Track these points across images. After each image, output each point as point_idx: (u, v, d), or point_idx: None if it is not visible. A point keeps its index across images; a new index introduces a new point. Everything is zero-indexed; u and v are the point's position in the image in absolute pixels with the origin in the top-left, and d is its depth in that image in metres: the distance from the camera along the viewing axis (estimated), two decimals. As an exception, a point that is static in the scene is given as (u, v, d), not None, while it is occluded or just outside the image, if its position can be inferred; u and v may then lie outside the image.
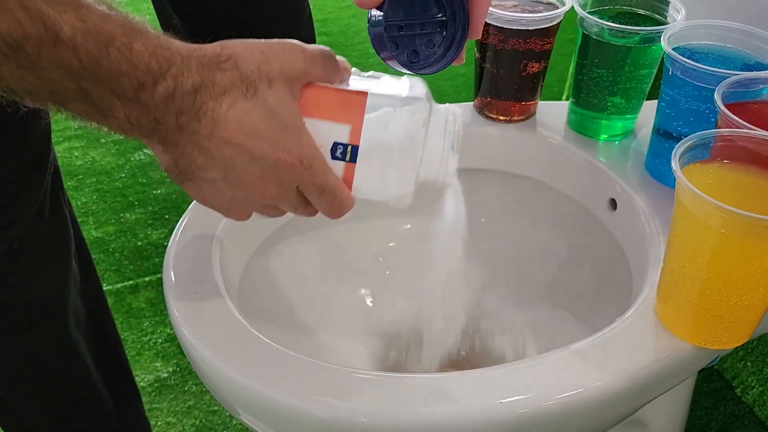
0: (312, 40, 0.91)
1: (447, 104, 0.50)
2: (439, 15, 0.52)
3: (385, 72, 0.51)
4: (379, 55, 0.50)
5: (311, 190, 0.47)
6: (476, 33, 0.52)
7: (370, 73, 0.50)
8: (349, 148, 0.47)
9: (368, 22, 0.49)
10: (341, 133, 0.47)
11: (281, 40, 0.45)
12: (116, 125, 0.41)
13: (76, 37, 0.38)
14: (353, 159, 0.47)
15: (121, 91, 0.40)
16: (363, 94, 0.47)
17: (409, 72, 0.51)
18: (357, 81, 0.48)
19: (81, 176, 1.49)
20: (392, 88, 0.48)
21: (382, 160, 0.47)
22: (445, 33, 0.52)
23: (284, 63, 0.44)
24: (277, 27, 0.86)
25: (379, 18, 0.48)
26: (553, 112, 0.78)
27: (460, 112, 0.50)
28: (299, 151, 0.45)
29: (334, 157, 0.47)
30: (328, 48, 0.48)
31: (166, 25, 0.90)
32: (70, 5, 0.38)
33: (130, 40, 0.39)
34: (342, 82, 0.48)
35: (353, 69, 0.50)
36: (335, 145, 0.47)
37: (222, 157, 0.43)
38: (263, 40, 0.45)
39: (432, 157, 0.49)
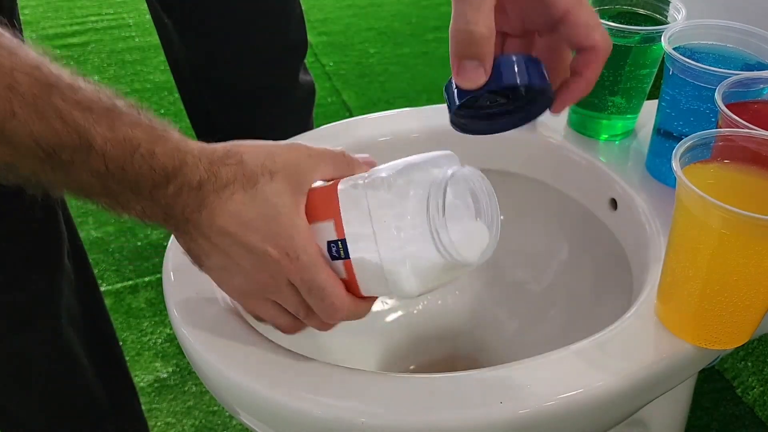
0: (303, 43, 0.91)
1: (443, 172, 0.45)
2: (504, 102, 0.51)
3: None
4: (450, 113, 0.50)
5: (301, 287, 0.46)
6: (558, 110, 0.51)
7: (390, 164, 0.47)
8: (339, 243, 0.44)
9: (447, 88, 0.48)
10: (329, 230, 0.45)
11: (289, 141, 0.48)
12: (135, 215, 0.45)
13: (106, 146, 0.41)
14: (347, 255, 0.44)
15: (138, 191, 0.43)
16: (334, 185, 0.45)
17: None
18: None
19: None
20: (372, 171, 0.45)
21: (369, 247, 0.43)
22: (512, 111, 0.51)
23: (288, 159, 0.46)
24: (265, 28, 0.86)
25: (466, 101, 0.47)
26: (553, 112, 0.78)
27: (446, 180, 0.44)
28: (287, 244, 0.45)
29: (333, 257, 0.45)
30: (340, 148, 0.49)
31: (159, 25, 0.90)
32: (103, 116, 0.41)
33: (152, 146, 0.42)
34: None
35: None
36: (329, 244, 0.45)
37: (220, 246, 0.46)
38: (273, 142, 0.47)
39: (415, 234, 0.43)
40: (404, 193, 0.43)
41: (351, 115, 1.66)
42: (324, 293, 0.46)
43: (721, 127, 0.55)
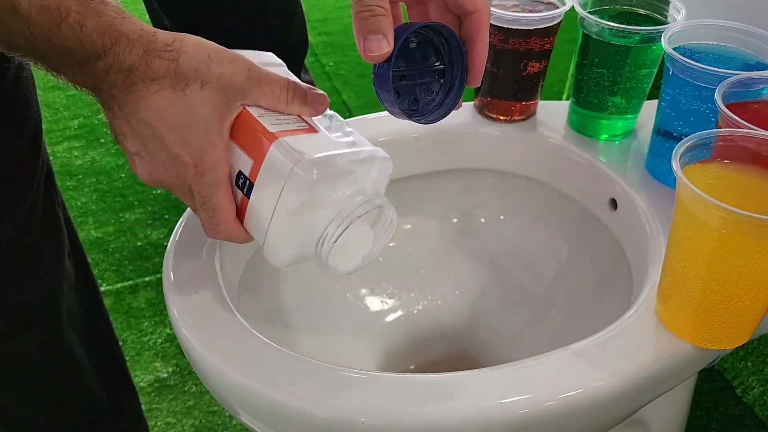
0: (304, 43, 0.91)
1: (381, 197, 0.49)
2: (438, 64, 0.52)
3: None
4: (381, 103, 0.50)
5: (197, 197, 0.48)
6: (475, 81, 0.53)
7: (343, 121, 0.50)
8: (248, 182, 0.47)
9: (373, 73, 0.49)
10: (246, 164, 0.47)
11: (236, 52, 0.47)
12: (67, 81, 0.46)
13: (30, 12, 0.41)
14: (248, 194, 0.47)
15: (67, 61, 0.44)
16: (272, 136, 0.46)
17: (410, 120, 0.51)
18: (301, 122, 0.48)
19: (81, 176, 1.49)
20: (317, 145, 0.47)
21: (261, 212, 0.47)
22: (442, 81, 0.53)
23: (224, 72, 0.46)
24: (267, 29, 0.86)
25: (386, 69, 0.48)
26: (553, 112, 0.78)
27: (388, 211, 0.49)
28: (198, 157, 0.46)
29: (236, 184, 0.48)
30: (295, 79, 0.49)
31: (158, 25, 0.90)
32: None
33: (83, 18, 0.42)
34: (294, 117, 0.48)
35: (330, 113, 0.50)
36: (239, 173, 0.47)
37: (139, 132, 0.47)
38: (221, 47, 0.47)
39: (315, 236, 0.47)
40: (318, 201, 0.46)
41: (351, 115, 1.66)
42: (214, 212, 0.48)
43: (721, 127, 0.56)
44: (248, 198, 0.47)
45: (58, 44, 0.42)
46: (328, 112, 0.51)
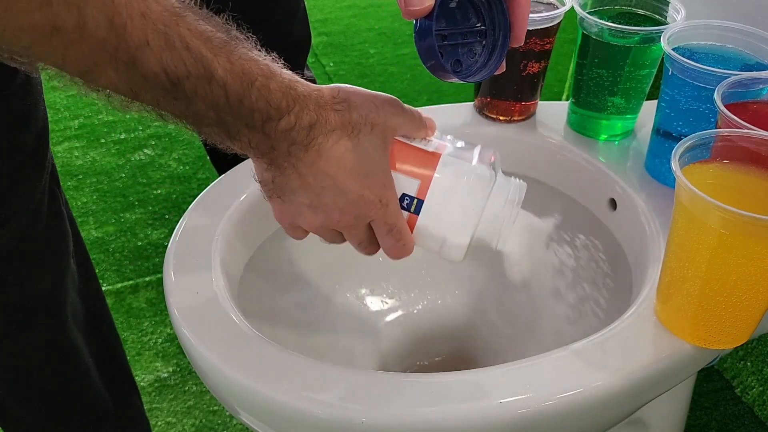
0: (307, 39, 0.91)
1: (513, 177, 0.54)
2: (479, 25, 0.52)
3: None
4: (425, 64, 0.51)
5: (381, 228, 0.51)
6: (518, 40, 0.53)
7: (450, 136, 0.54)
8: (415, 200, 0.51)
9: (415, 32, 0.50)
10: (411, 186, 0.51)
11: (386, 95, 0.52)
12: (239, 147, 0.47)
13: (227, 78, 0.43)
14: (417, 211, 0.51)
15: (251, 123, 0.45)
16: (436, 156, 0.51)
17: (455, 80, 0.52)
18: (436, 141, 0.52)
19: (81, 176, 1.49)
20: (464, 154, 0.52)
21: (440, 217, 0.51)
22: (485, 42, 0.53)
23: (387, 114, 0.50)
24: (271, 26, 0.86)
25: (428, 27, 0.49)
26: (553, 112, 0.78)
27: (524, 186, 0.55)
28: (380, 192, 0.50)
29: (401, 206, 0.51)
30: (417, 110, 0.53)
31: None
32: (223, 49, 0.43)
33: (267, 81, 0.45)
34: (423, 139, 0.52)
35: (437, 131, 0.54)
36: (404, 195, 0.51)
37: (315, 185, 0.49)
38: (371, 91, 0.51)
39: (490, 223, 0.52)
40: (490, 192, 0.52)
41: (351, 115, 1.65)
42: (401, 235, 0.52)
43: (720, 128, 0.56)
44: (417, 214, 0.51)
45: (248, 107, 0.44)
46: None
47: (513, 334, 0.77)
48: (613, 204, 0.70)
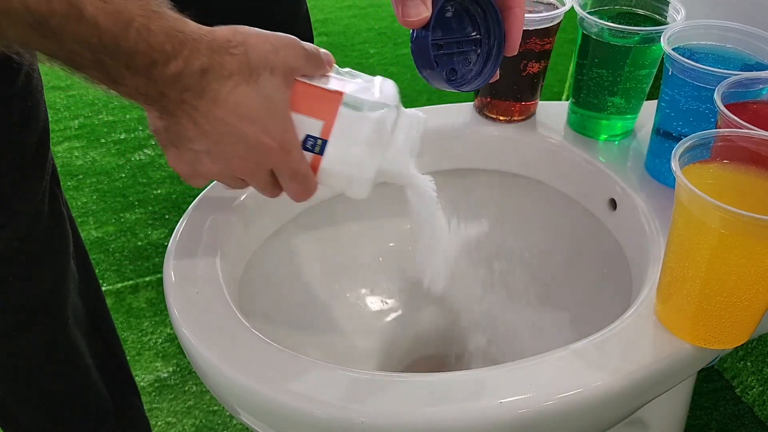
0: (310, 41, 0.91)
1: (414, 110, 0.53)
2: (474, 33, 0.53)
3: (361, 71, 0.54)
4: (420, 72, 0.52)
5: (285, 174, 0.50)
6: (512, 50, 0.53)
7: (347, 70, 0.54)
8: (319, 141, 0.50)
9: (412, 41, 0.50)
10: (314, 127, 0.50)
11: (286, 35, 0.49)
12: (124, 92, 0.45)
13: (98, 17, 0.40)
14: (321, 152, 0.51)
15: (134, 67, 0.43)
16: (338, 94, 0.50)
17: (449, 89, 0.53)
18: (335, 78, 0.52)
19: (81, 176, 1.49)
20: (366, 90, 0.51)
21: (346, 156, 0.51)
22: (480, 51, 0.53)
23: (287, 56, 0.48)
24: (274, 26, 0.86)
25: (425, 37, 0.49)
26: (553, 112, 0.78)
27: (425, 119, 0.53)
28: (282, 137, 0.48)
29: (304, 147, 0.51)
30: (315, 46, 0.52)
31: None
32: None
33: (148, 21, 0.42)
34: (323, 77, 0.51)
35: (335, 66, 0.53)
36: (307, 137, 0.50)
37: (212, 132, 0.47)
38: (274, 33, 0.49)
39: (393, 157, 0.52)
40: (392, 128, 0.51)
41: (351, 115, 1.65)
42: (306, 178, 0.51)
43: (720, 128, 0.56)
44: (321, 155, 0.51)
45: (126, 49, 0.42)
46: None
47: (513, 335, 0.77)
48: (613, 204, 0.70)
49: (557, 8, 0.71)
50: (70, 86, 1.75)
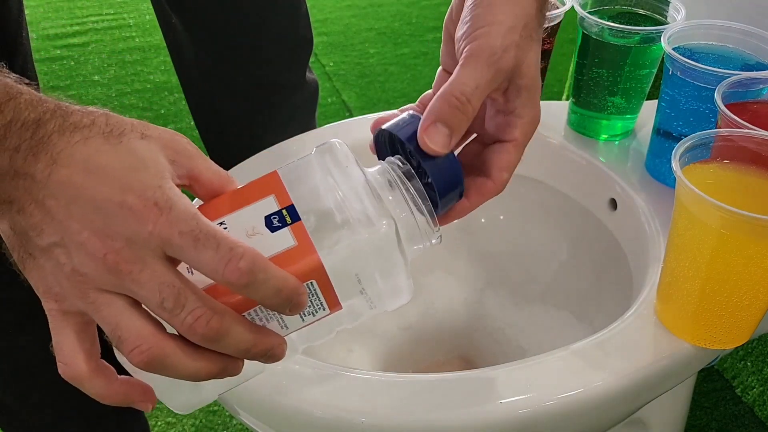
0: (309, 40, 0.91)
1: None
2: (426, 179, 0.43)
3: None
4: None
5: (182, 244, 0.32)
6: (470, 206, 0.44)
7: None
8: (284, 211, 0.38)
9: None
10: (267, 204, 0.38)
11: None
12: None
13: None
14: (294, 218, 0.37)
15: None
16: (272, 174, 0.39)
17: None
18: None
19: None
20: (293, 159, 0.41)
21: (324, 200, 0.38)
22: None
23: (167, 134, 0.36)
24: (276, 25, 0.86)
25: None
26: (553, 112, 0.78)
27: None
28: (154, 194, 0.32)
29: (274, 229, 0.37)
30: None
31: (164, 25, 0.90)
32: None
33: None
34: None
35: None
36: (267, 218, 0.37)
37: (54, 210, 0.32)
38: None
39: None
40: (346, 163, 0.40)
41: (351, 116, 1.66)
42: (218, 239, 0.32)
43: (720, 128, 0.56)
44: (299, 219, 0.37)
45: None
46: None
47: (513, 335, 0.77)
48: (614, 204, 0.70)
49: (557, 8, 0.71)
50: (69, 86, 1.75)
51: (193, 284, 0.33)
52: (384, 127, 0.43)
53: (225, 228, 0.37)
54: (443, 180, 0.42)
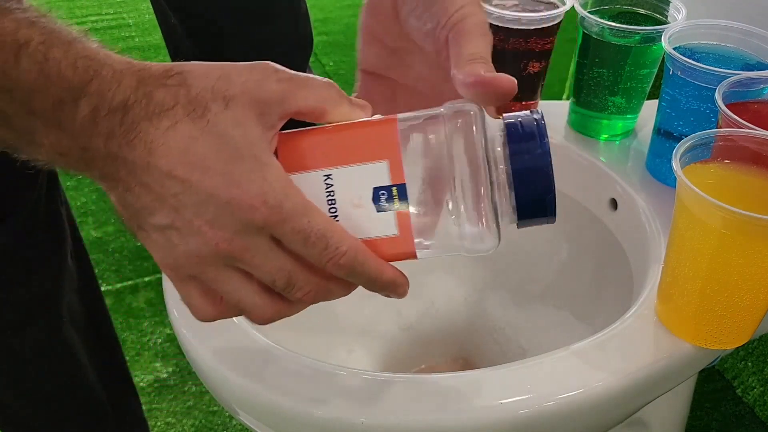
0: (309, 38, 0.91)
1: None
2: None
3: None
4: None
5: (292, 240, 0.34)
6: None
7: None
8: (395, 189, 0.35)
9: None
10: (378, 173, 0.35)
11: (253, 62, 0.36)
12: (44, 155, 0.34)
13: None
14: (404, 200, 0.35)
15: (39, 111, 0.32)
16: (391, 119, 0.36)
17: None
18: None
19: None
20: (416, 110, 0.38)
21: (440, 189, 0.35)
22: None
23: (251, 81, 0.35)
24: (276, 25, 0.86)
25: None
26: (553, 112, 0.78)
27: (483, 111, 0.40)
28: (260, 189, 0.34)
29: (380, 209, 0.35)
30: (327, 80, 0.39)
31: (164, 24, 0.90)
32: None
33: (47, 47, 0.32)
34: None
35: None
36: (375, 191, 0.35)
37: (166, 195, 0.34)
38: (231, 63, 0.36)
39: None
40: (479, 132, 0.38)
41: (351, 115, 1.65)
42: (326, 239, 0.34)
43: (721, 127, 0.55)
44: (407, 204, 0.35)
45: (18, 83, 0.32)
46: None
47: (513, 335, 0.76)
48: (614, 204, 0.70)
49: (557, 8, 0.71)
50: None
51: (301, 264, 0.36)
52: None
53: (331, 183, 0.36)
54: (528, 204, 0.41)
